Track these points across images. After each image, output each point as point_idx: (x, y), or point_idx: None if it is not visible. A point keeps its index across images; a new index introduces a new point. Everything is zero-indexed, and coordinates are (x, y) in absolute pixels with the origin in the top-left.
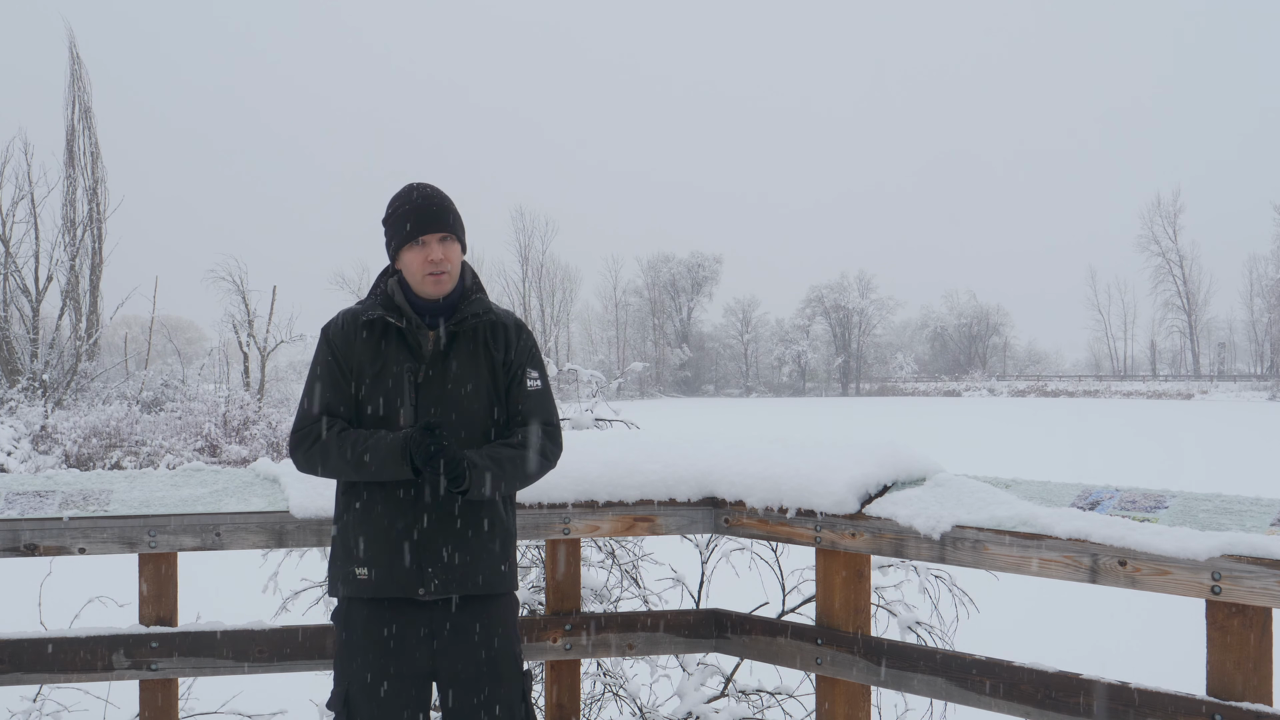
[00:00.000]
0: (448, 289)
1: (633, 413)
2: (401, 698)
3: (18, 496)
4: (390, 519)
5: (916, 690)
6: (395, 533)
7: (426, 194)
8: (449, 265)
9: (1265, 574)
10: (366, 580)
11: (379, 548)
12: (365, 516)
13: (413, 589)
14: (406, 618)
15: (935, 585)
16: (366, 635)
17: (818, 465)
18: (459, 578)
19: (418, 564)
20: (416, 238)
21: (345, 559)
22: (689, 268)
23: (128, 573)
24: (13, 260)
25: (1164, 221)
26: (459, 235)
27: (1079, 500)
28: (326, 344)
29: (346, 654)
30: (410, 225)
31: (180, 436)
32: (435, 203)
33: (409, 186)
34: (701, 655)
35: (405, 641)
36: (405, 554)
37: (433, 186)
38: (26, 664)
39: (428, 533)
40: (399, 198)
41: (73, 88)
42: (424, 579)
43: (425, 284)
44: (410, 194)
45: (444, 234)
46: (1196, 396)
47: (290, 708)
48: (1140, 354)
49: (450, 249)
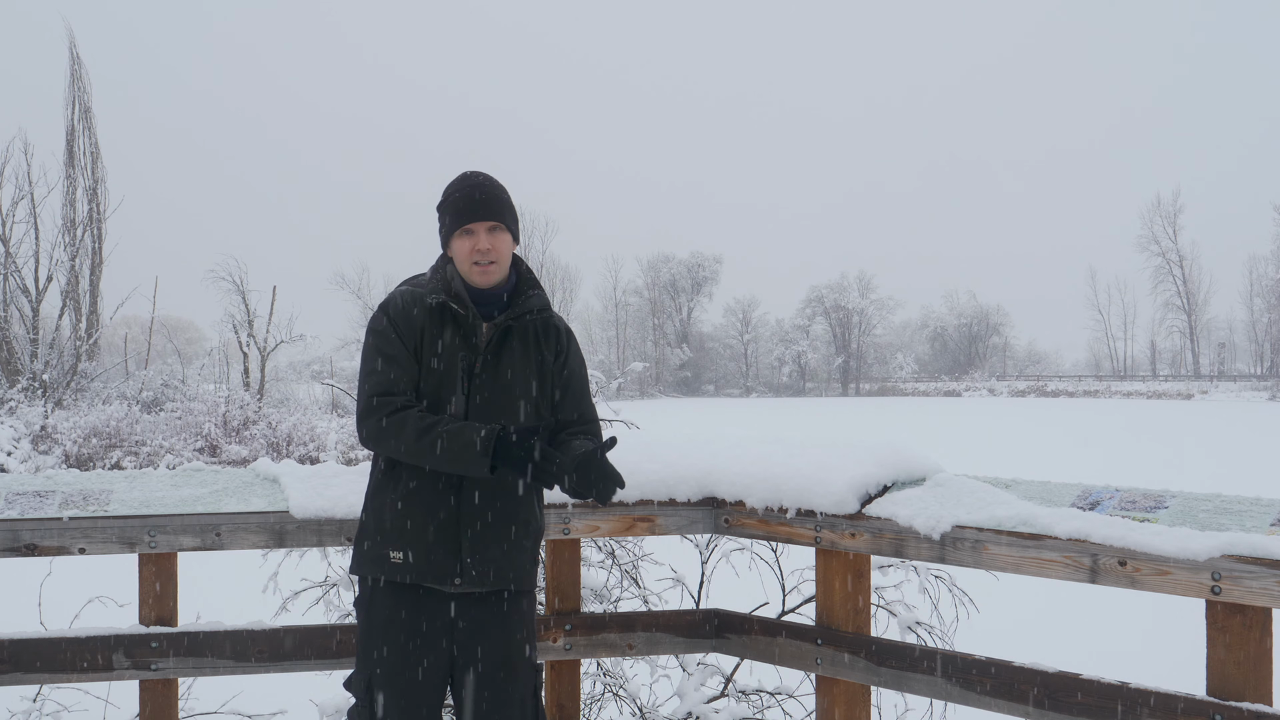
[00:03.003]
0: (495, 279)
1: (633, 413)
2: (424, 685)
3: (18, 496)
4: (432, 507)
5: (916, 690)
6: (437, 521)
7: (477, 182)
8: (496, 255)
9: (1265, 574)
10: (401, 564)
11: (418, 534)
12: (407, 501)
13: (448, 579)
14: (433, 606)
15: (935, 585)
16: (393, 620)
17: (818, 465)
18: (494, 572)
19: (456, 554)
20: (465, 225)
21: (380, 541)
22: (689, 268)
23: (128, 573)
24: (13, 260)
25: (1164, 221)
26: (510, 225)
27: (1079, 500)
28: (390, 322)
29: (370, 639)
30: (459, 213)
31: (180, 436)
32: (485, 191)
33: (463, 174)
34: (701, 655)
35: (431, 629)
36: (445, 543)
37: (486, 175)
38: (26, 664)
39: (469, 524)
40: (452, 185)
41: (73, 88)
42: (461, 569)
43: (473, 273)
44: (463, 181)
45: (493, 223)
46: (1196, 396)
47: (290, 708)
48: (1140, 354)
49: (499, 239)
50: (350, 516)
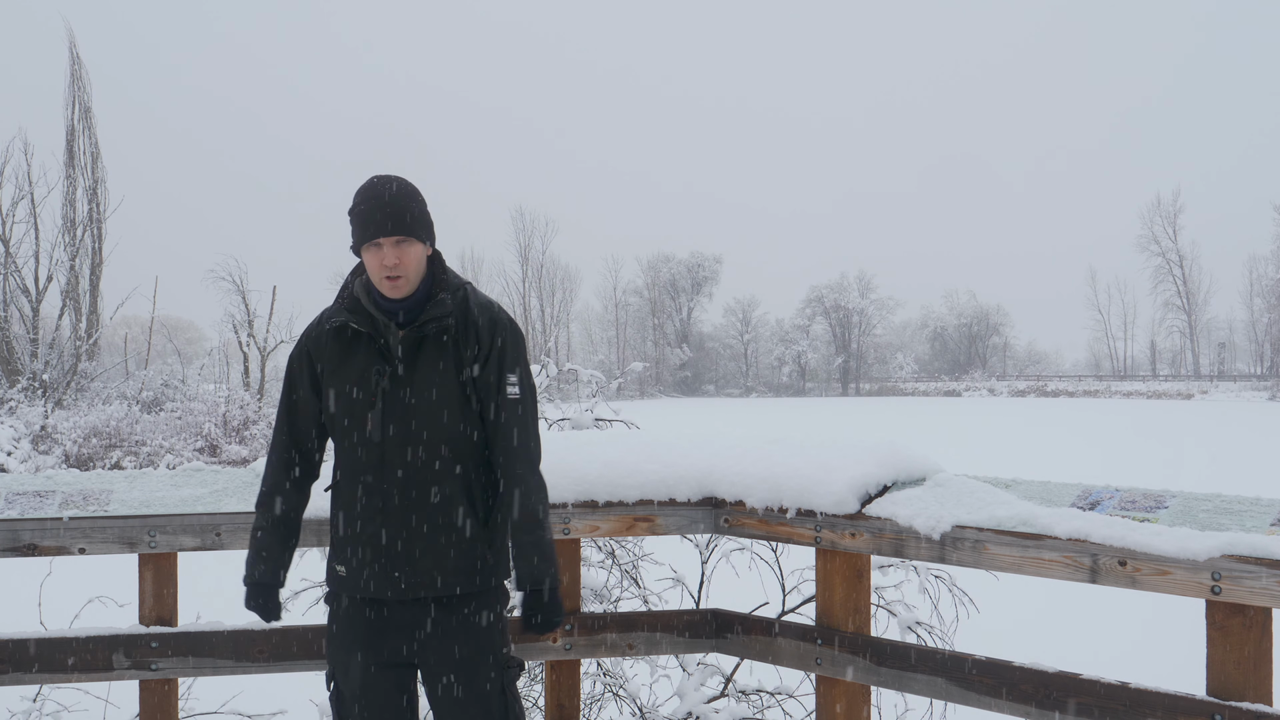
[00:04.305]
0: (405, 292)
1: (633, 413)
2: (383, 685)
3: (18, 496)
4: (358, 522)
5: (916, 690)
6: (369, 534)
7: (384, 193)
8: (404, 269)
9: (1265, 574)
10: (346, 577)
11: (351, 548)
12: (346, 516)
13: (382, 591)
14: (385, 612)
15: (935, 585)
16: (347, 627)
17: (818, 465)
18: (424, 580)
19: (384, 567)
20: (370, 239)
21: (331, 556)
22: (689, 268)
23: (128, 573)
24: (13, 260)
25: (1164, 221)
26: (419, 235)
27: (1079, 500)
28: (301, 352)
29: (331, 644)
30: (365, 226)
31: (180, 436)
32: (392, 204)
33: (370, 182)
34: (701, 655)
35: (384, 634)
36: (377, 556)
37: (395, 182)
38: (26, 664)
39: (391, 537)
40: (359, 194)
41: (73, 88)
42: (391, 582)
43: (383, 286)
44: (370, 191)
45: (400, 236)
46: (1196, 396)
47: (290, 708)
48: (1140, 354)
49: (407, 251)
50: None
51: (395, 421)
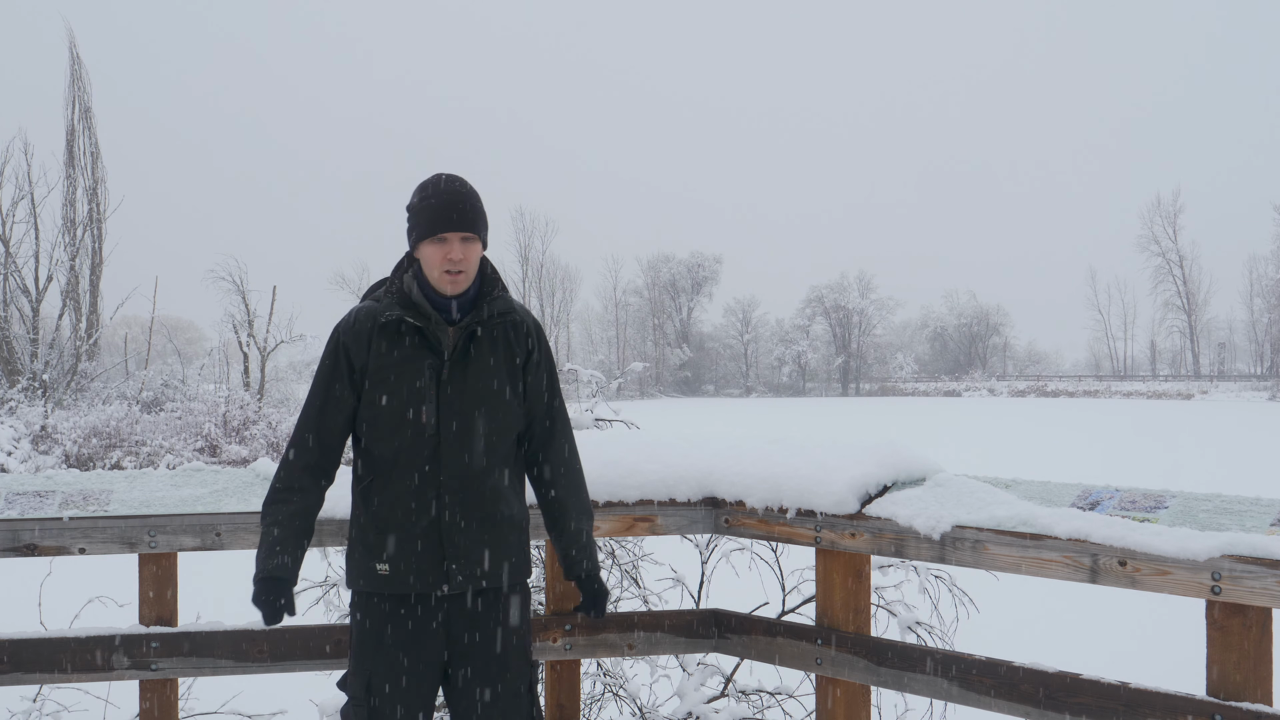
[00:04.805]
0: (464, 288)
1: (633, 413)
2: (419, 687)
3: (18, 496)
4: (412, 514)
5: (916, 690)
6: (418, 528)
7: (455, 190)
8: (467, 266)
9: (1265, 574)
10: (388, 575)
11: (400, 543)
12: (387, 511)
13: (436, 585)
14: (424, 610)
15: (935, 585)
16: (385, 627)
17: (818, 465)
18: (480, 573)
19: (440, 560)
20: (438, 234)
21: (365, 554)
22: (689, 268)
23: (128, 573)
24: (13, 260)
25: (1164, 221)
26: (482, 235)
27: (1079, 500)
28: (337, 346)
29: (365, 644)
30: (434, 221)
31: (180, 436)
32: (462, 201)
33: (437, 178)
34: (701, 655)
35: (423, 633)
36: (428, 550)
37: (461, 180)
38: (26, 664)
39: (448, 528)
40: (427, 188)
41: (73, 88)
42: (447, 575)
43: (442, 281)
44: (439, 186)
45: (466, 234)
46: (1196, 396)
47: (290, 708)
48: (1140, 354)
49: (471, 249)
50: (349, 517)
51: (451, 415)
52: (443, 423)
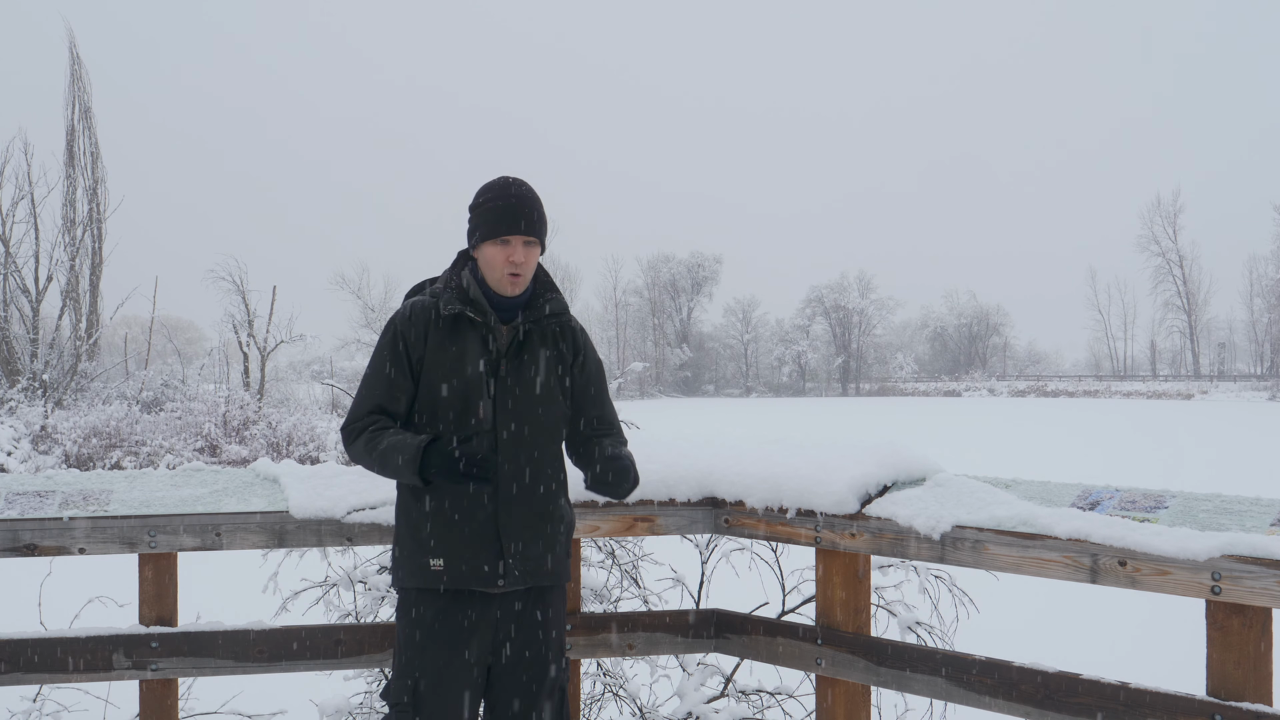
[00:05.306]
0: (522, 289)
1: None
2: (469, 687)
3: (18, 496)
4: (469, 511)
5: (916, 690)
6: (475, 524)
7: (521, 194)
8: (528, 268)
9: (1265, 574)
10: (442, 572)
11: (456, 541)
12: (442, 508)
13: (491, 581)
14: (478, 608)
15: (935, 585)
16: (440, 627)
17: (818, 465)
18: (536, 569)
19: (499, 556)
20: (503, 236)
21: (418, 551)
22: (689, 268)
23: (128, 573)
24: (13, 260)
25: (1164, 221)
26: (543, 239)
27: (1079, 500)
28: (395, 336)
29: (417, 645)
30: (499, 222)
31: (180, 436)
32: (528, 205)
33: (504, 180)
34: (701, 655)
35: (477, 631)
36: (486, 546)
37: (527, 185)
38: (26, 664)
39: (507, 525)
40: (494, 190)
41: (73, 88)
42: (505, 570)
43: (503, 282)
44: (507, 189)
45: (529, 237)
46: (1196, 396)
47: (290, 708)
48: (1140, 354)
49: (532, 252)
50: (350, 517)
51: (508, 412)
52: (500, 419)
